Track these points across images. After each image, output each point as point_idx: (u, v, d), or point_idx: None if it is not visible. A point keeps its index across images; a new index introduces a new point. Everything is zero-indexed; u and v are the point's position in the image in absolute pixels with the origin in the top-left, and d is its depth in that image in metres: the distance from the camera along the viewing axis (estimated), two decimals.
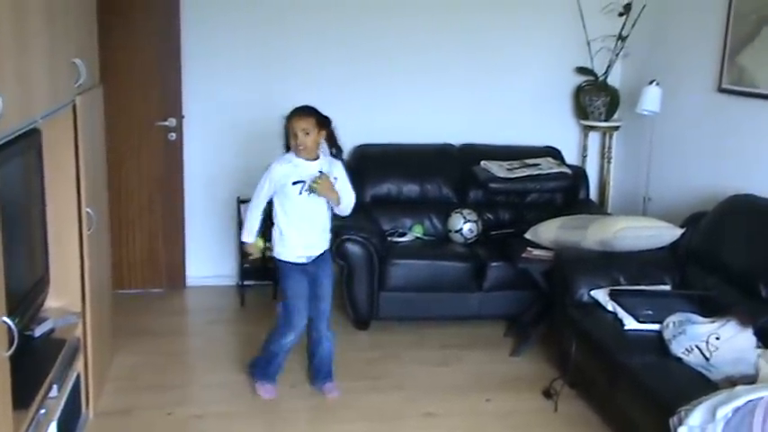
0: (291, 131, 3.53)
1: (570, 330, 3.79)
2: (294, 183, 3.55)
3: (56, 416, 2.82)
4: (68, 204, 3.22)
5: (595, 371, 3.62)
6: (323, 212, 3.64)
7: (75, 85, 3.16)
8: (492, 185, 4.86)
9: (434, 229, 5.02)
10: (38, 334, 2.93)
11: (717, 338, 3.18)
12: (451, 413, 3.72)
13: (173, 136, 5.07)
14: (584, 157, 5.48)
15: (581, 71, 5.37)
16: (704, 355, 3.16)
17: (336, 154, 3.69)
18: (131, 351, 4.23)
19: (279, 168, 3.58)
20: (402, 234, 4.89)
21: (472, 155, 5.15)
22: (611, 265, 4.00)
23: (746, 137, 4.16)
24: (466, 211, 4.89)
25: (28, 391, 2.49)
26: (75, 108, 3.17)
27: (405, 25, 5.21)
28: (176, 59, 4.97)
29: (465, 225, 4.83)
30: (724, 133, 4.35)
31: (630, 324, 3.56)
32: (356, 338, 4.57)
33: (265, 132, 3.97)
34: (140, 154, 5.06)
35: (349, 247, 4.47)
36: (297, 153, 3.55)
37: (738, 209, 3.85)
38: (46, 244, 3.11)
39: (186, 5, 4.94)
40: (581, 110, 5.41)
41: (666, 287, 3.94)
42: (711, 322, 3.29)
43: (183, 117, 5.07)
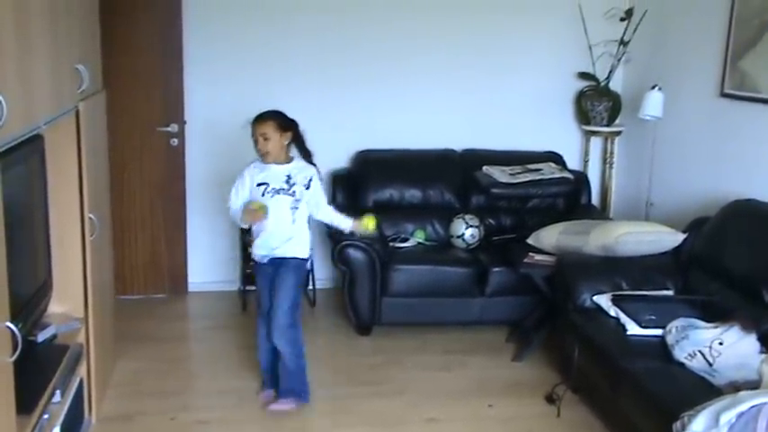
0: (254, 137, 3.59)
1: (573, 335, 3.78)
2: (258, 184, 3.60)
3: (59, 421, 2.82)
4: (71, 210, 3.23)
5: (598, 376, 3.61)
6: (285, 219, 3.61)
7: (78, 91, 3.17)
8: (494, 191, 4.86)
9: (436, 235, 5.03)
10: (41, 339, 2.93)
11: (720, 344, 3.18)
12: (454, 418, 3.72)
13: (175, 141, 5.07)
14: (586, 162, 5.48)
15: (583, 76, 5.37)
16: (707, 361, 3.16)
17: (307, 158, 3.71)
18: (134, 356, 4.23)
19: (248, 171, 3.64)
20: (404, 239, 4.89)
21: (474, 160, 5.16)
22: (613, 270, 3.99)
23: (749, 142, 4.16)
24: (468, 217, 4.90)
25: (31, 397, 2.49)
26: (77, 114, 3.17)
27: (406, 30, 5.22)
28: (178, 65, 4.98)
29: (467, 230, 4.83)
30: (726, 138, 4.35)
31: (633, 329, 3.56)
32: (358, 344, 4.57)
33: None
34: (142, 159, 5.06)
35: (351, 252, 4.47)
36: (262, 158, 3.61)
37: (741, 214, 3.85)
38: (49, 249, 3.11)
39: (188, 11, 4.95)
40: (583, 115, 5.41)
41: (669, 292, 3.93)
42: (714, 327, 3.29)
43: (185, 123, 5.08)
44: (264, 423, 3.63)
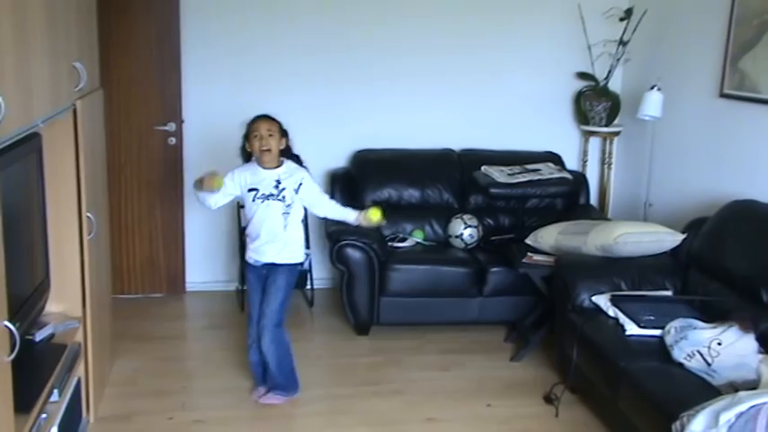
0: (256, 133, 3.56)
1: (571, 336, 3.78)
2: (249, 190, 3.60)
3: (57, 420, 2.81)
4: (69, 209, 3.21)
5: (597, 376, 3.61)
6: (277, 225, 3.60)
7: (76, 89, 3.16)
8: (492, 191, 4.85)
9: (435, 235, 5.02)
10: (38, 339, 2.92)
11: (718, 344, 3.18)
12: (452, 418, 3.72)
13: (172, 140, 5.06)
14: (585, 162, 5.48)
15: (582, 76, 5.37)
16: (706, 361, 3.16)
17: (297, 162, 3.72)
18: (132, 356, 4.23)
19: (238, 169, 3.65)
20: (402, 239, 4.88)
21: (472, 160, 5.15)
22: (612, 270, 3.99)
23: (748, 142, 4.16)
24: (466, 217, 4.89)
25: (29, 396, 2.48)
26: (75, 112, 3.16)
27: (404, 30, 5.22)
28: (176, 64, 4.97)
29: (465, 230, 4.83)
30: (725, 139, 4.35)
31: (632, 329, 3.56)
32: (356, 344, 4.56)
33: None
34: (140, 158, 5.05)
35: (349, 252, 4.46)
36: (260, 157, 3.59)
37: (740, 214, 3.85)
38: (46, 248, 3.10)
39: (186, 10, 4.94)
40: (582, 115, 5.41)
41: (668, 293, 3.93)
42: (713, 328, 3.29)
43: (182, 122, 5.07)
44: (262, 423, 3.63)
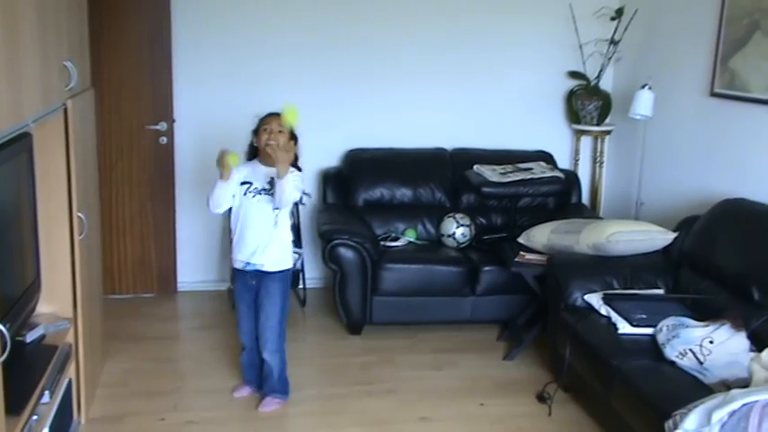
0: (266, 127, 3.51)
1: (564, 334, 3.78)
2: (242, 183, 3.56)
3: (48, 422, 2.80)
4: (59, 209, 3.19)
5: (589, 375, 3.62)
6: (267, 220, 3.53)
7: (67, 89, 3.14)
8: (485, 190, 4.86)
9: (427, 234, 5.02)
10: (29, 340, 2.91)
11: (710, 342, 3.19)
12: (445, 417, 3.71)
13: (164, 140, 5.04)
14: (577, 161, 5.48)
15: (573, 75, 5.38)
16: (698, 359, 3.17)
17: (294, 164, 3.66)
18: (123, 356, 4.21)
19: (242, 165, 3.58)
20: (395, 238, 4.88)
21: (465, 159, 5.15)
22: (604, 269, 4.00)
23: (738, 141, 4.17)
24: (459, 216, 4.90)
25: (20, 397, 2.47)
26: (66, 111, 3.14)
27: (397, 29, 5.21)
28: (167, 63, 4.95)
29: (458, 229, 4.83)
30: (716, 137, 4.36)
31: (624, 328, 3.57)
32: (349, 343, 4.55)
33: None
34: (131, 158, 5.03)
35: (342, 251, 4.46)
36: (264, 151, 3.50)
37: (730, 213, 3.86)
38: (37, 249, 3.08)
39: (177, 9, 4.92)
40: (573, 114, 5.42)
41: (660, 291, 3.94)
42: (705, 326, 3.30)
43: (174, 121, 5.05)
44: (254, 423, 3.62)
